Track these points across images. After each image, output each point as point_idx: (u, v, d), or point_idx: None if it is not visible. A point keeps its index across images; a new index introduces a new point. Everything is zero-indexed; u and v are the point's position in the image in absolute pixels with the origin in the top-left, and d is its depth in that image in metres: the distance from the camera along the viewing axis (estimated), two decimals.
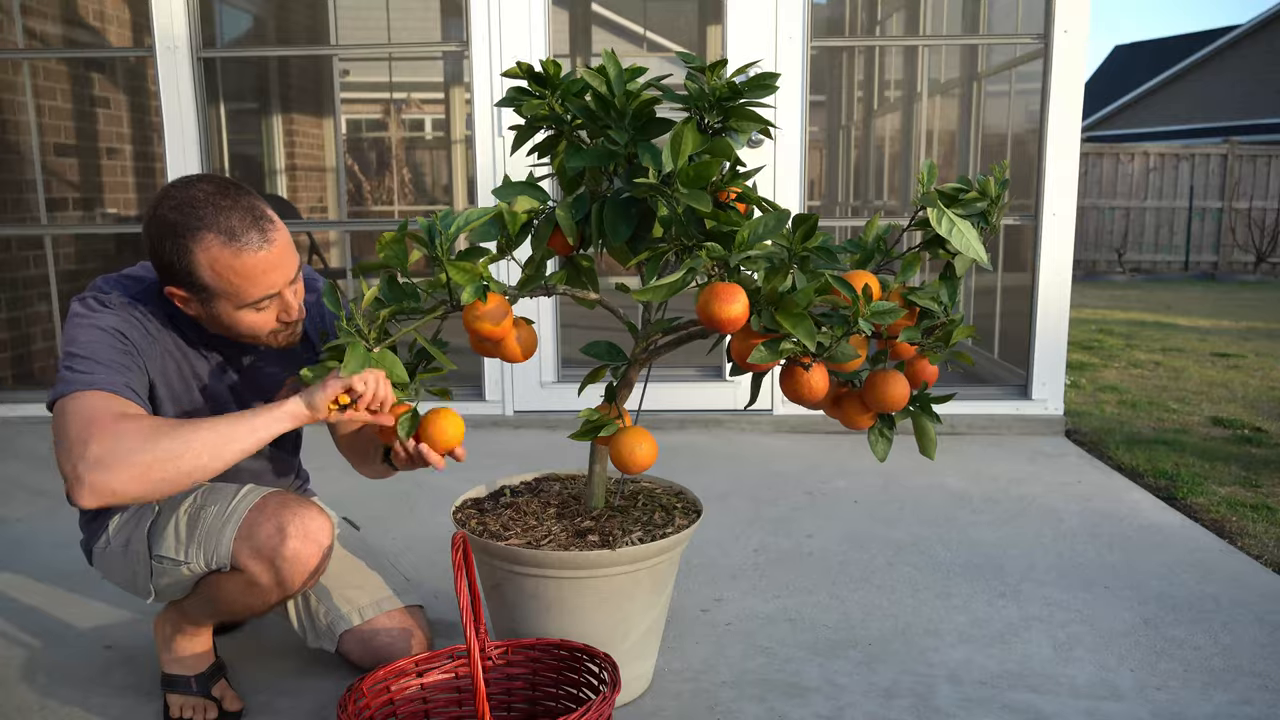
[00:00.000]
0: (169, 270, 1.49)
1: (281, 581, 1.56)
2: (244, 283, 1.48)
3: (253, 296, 1.50)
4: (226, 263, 1.46)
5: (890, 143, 6.22)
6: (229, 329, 1.57)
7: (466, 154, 7.52)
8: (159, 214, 1.48)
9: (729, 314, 1.41)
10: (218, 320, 1.55)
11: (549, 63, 1.56)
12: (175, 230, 1.46)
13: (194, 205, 1.46)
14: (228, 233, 1.46)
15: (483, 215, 1.50)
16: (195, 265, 1.46)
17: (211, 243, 1.45)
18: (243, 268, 1.47)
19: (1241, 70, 18.29)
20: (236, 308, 1.51)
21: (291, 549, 1.54)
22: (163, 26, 3.63)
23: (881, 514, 2.82)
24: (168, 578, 1.63)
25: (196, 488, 1.63)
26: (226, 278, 1.47)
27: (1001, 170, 1.57)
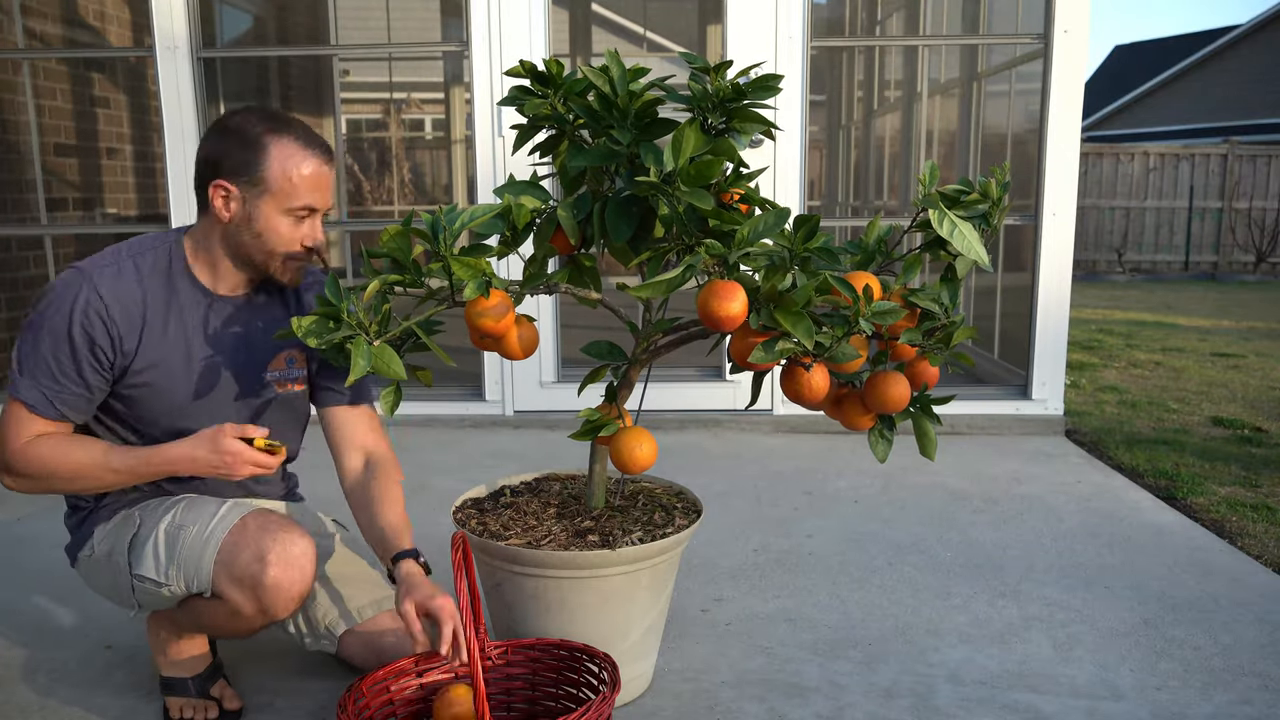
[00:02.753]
0: (229, 161, 1.57)
1: (264, 610, 1.55)
2: (301, 185, 1.58)
3: (301, 201, 1.58)
4: (296, 163, 1.57)
5: (890, 143, 6.23)
6: (258, 238, 1.60)
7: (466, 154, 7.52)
8: (238, 114, 1.60)
9: (728, 311, 1.41)
10: (251, 223, 1.59)
11: (552, 62, 1.57)
12: (257, 126, 1.57)
13: (278, 117, 1.62)
14: (305, 140, 1.60)
15: (489, 211, 1.50)
16: (266, 157, 1.56)
17: (290, 143, 1.58)
18: (308, 172, 1.58)
19: (1241, 70, 18.29)
20: (280, 210, 1.58)
21: (273, 578, 1.52)
22: (163, 26, 3.63)
23: (881, 514, 2.82)
24: (149, 596, 1.62)
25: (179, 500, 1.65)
26: (289, 175, 1.57)
27: (1003, 173, 1.57)
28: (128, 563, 1.61)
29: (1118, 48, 24.80)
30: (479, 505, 1.83)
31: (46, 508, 2.90)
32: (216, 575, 1.54)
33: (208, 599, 1.57)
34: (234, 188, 1.58)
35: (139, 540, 1.61)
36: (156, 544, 1.59)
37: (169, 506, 1.64)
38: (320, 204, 1.62)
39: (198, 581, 1.55)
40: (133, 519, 1.65)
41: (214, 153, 1.59)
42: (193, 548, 1.56)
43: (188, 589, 1.57)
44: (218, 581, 1.54)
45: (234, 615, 1.56)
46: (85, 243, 4.98)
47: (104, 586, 1.69)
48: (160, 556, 1.58)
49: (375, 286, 1.48)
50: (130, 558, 1.61)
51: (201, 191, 1.61)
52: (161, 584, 1.58)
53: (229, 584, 1.53)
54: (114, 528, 1.66)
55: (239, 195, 1.58)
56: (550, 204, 1.62)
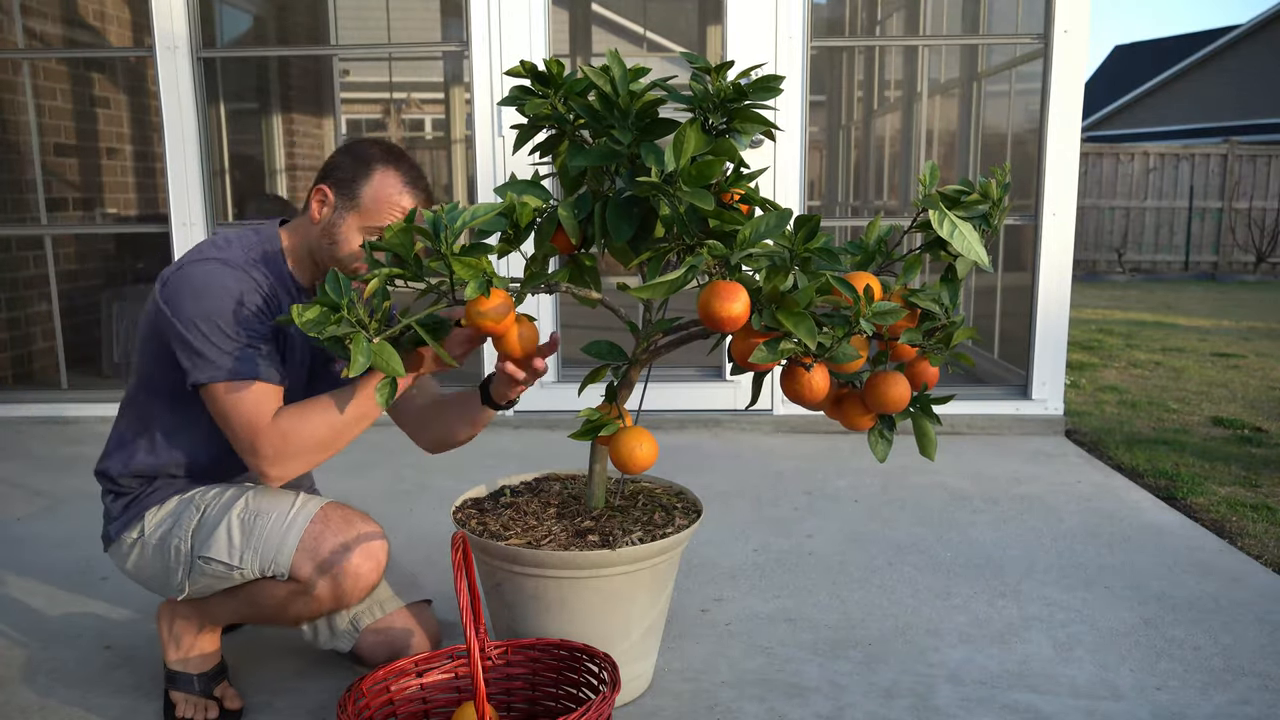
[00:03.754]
0: (339, 172, 1.69)
1: (339, 596, 1.62)
2: (385, 212, 1.68)
3: (381, 223, 1.68)
4: (388, 192, 1.69)
5: (890, 143, 6.23)
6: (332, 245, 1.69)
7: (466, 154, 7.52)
8: (370, 140, 1.75)
9: (730, 312, 1.41)
10: (334, 231, 1.69)
11: (552, 62, 1.57)
12: (377, 152, 1.70)
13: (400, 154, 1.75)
14: (409, 178, 1.72)
15: (490, 210, 1.50)
16: (368, 180, 1.68)
17: (393, 176, 1.69)
18: (395, 202, 1.69)
19: (1241, 70, 18.29)
20: (360, 227, 1.68)
21: (354, 566, 1.60)
22: (163, 26, 3.63)
23: (881, 514, 2.82)
24: (209, 579, 1.65)
25: (245, 491, 1.70)
26: (379, 200, 1.68)
27: (1003, 173, 1.57)
28: (190, 546, 1.65)
29: (1118, 48, 24.80)
30: (479, 505, 1.83)
31: (46, 508, 2.90)
32: (299, 560, 1.60)
33: (277, 582, 1.62)
34: (331, 195, 1.69)
35: (205, 525, 1.65)
36: (230, 529, 1.63)
37: (235, 495, 1.69)
38: None
39: (276, 565, 1.60)
40: (193, 506, 1.69)
41: (332, 163, 1.72)
42: (273, 533, 1.61)
43: (261, 572, 1.61)
44: (299, 565, 1.60)
45: (301, 598, 1.63)
46: (85, 243, 4.98)
47: (148, 569, 1.72)
48: (234, 540, 1.62)
49: (376, 283, 1.47)
50: (194, 542, 1.65)
51: (309, 192, 1.73)
52: (233, 567, 1.62)
53: (312, 569, 1.60)
54: (171, 513, 1.70)
55: (333, 203, 1.69)
56: (551, 203, 1.62)
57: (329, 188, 1.70)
